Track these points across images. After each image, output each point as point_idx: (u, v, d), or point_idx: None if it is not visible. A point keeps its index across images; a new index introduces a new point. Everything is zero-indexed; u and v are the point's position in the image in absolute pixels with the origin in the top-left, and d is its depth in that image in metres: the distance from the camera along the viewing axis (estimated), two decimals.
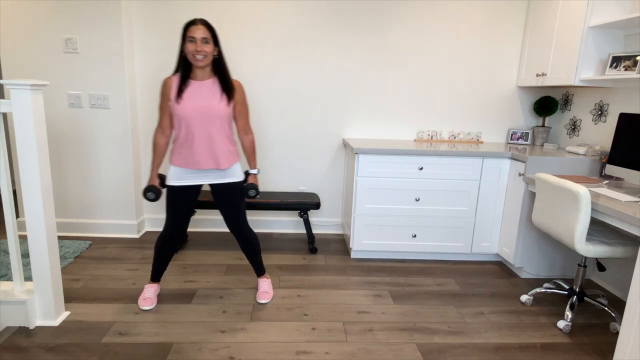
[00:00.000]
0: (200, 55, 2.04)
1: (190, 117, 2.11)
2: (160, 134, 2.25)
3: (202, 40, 2.03)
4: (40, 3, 3.02)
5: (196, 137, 2.14)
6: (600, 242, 2.21)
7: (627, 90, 2.75)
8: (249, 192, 2.30)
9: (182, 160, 2.20)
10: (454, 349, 2.10)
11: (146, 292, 2.42)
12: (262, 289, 2.53)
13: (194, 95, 2.12)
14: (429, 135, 3.55)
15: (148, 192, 2.23)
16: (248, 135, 2.33)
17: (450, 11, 3.35)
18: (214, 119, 2.13)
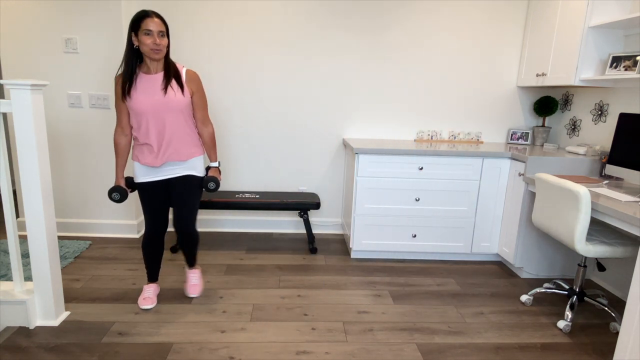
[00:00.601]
0: (157, 47, 1.99)
1: (146, 112, 2.06)
2: (120, 134, 2.18)
3: (158, 33, 1.99)
4: (40, 3, 3.02)
5: (154, 131, 2.10)
6: (600, 242, 2.21)
7: (627, 90, 2.75)
8: (209, 185, 2.24)
9: (142, 156, 2.16)
10: (454, 349, 2.10)
11: (145, 292, 2.42)
12: (191, 281, 2.49)
13: (148, 89, 2.06)
14: (429, 135, 3.55)
15: (113, 193, 2.18)
16: (207, 127, 2.26)
17: (450, 11, 3.35)
18: (170, 111, 2.09)
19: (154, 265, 2.40)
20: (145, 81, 2.07)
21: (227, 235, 3.57)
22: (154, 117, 2.08)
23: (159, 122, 2.10)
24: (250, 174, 3.57)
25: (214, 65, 3.34)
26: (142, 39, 1.98)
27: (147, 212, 2.25)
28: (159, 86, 2.08)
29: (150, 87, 2.07)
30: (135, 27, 1.99)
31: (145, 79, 2.08)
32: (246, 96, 3.42)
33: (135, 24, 1.99)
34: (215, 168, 2.32)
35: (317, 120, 3.49)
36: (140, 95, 2.06)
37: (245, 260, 3.07)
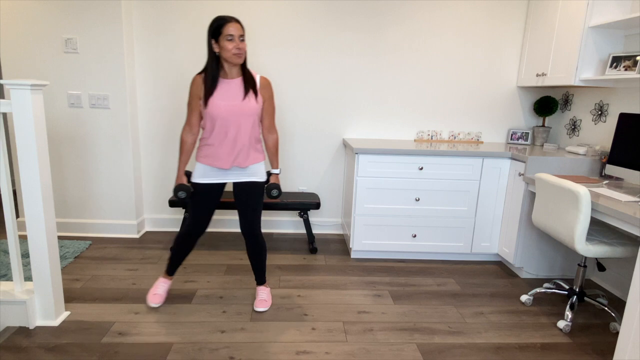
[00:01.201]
0: (239, 52, 2.03)
1: (220, 116, 2.09)
2: (187, 132, 2.22)
3: (239, 37, 2.02)
4: (40, 3, 3.02)
5: (225, 135, 2.13)
6: (600, 242, 2.21)
7: (627, 90, 2.75)
8: (272, 192, 2.28)
9: (208, 158, 2.19)
10: (454, 349, 2.10)
11: (158, 287, 2.43)
12: (260, 297, 2.44)
13: (225, 93, 2.10)
14: (429, 135, 3.55)
15: (179, 191, 2.21)
16: (272, 135, 2.29)
17: (450, 11, 3.35)
18: (244, 117, 2.12)
19: (178, 260, 2.41)
20: (223, 86, 2.11)
21: (227, 235, 3.57)
22: (228, 121, 2.11)
23: (232, 126, 2.12)
24: None
25: None
26: (224, 44, 2.01)
27: (195, 211, 2.26)
28: (236, 91, 2.11)
29: (228, 92, 2.11)
30: (215, 34, 2.02)
31: (223, 83, 2.11)
32: None
33: (216, 31, 2.02)
34: (276, 175, 2.34)
35: (317, 120, 3.49)
36: (218, 100, 2.09)
37: (245, 260, 3.07)
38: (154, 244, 3.29)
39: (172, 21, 3.24)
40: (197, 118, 2.19)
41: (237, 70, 2.13)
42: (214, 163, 2.18)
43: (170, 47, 3.28)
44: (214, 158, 2.17)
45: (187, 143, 2.23)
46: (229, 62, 2.07)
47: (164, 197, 3.57)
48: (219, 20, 2.01)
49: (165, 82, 3.35)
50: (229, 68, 2.11)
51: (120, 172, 3.33)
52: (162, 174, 3.52)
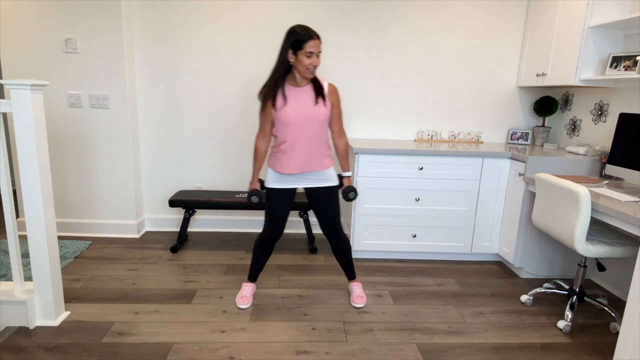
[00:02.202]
0: (314, 68, 2.10)
1: (293, 123, 2.15)
2: (261, 140, 2.29)
3: (317, 54, 2.08)
4: (40, 3, 3.02)
5: (297, 141, 2.18)
6: (600, 242, 2.21)
7: (627, 90, 2.75)
8: (349, 195, 2.33)
9: (281, 164, 2.24)
10: (454, 349, 2.10)
11: (243, 290, 2.48)
12: (356, 293, 2.51)
13: (297, 101, 2.15)
14: (429, 135, 3.55)
15: (252, 196, 2.28)
16: (342, 139, 2.35)
17: (450, 11, 3.35)
18: (314, 123, 2.17)
19: (259, 265, 2.47)
20: (293, 93, 2.16)
21: (227, 235, 3.57)
22: (300, 127, 2.16)
23: (303, 132, 2.17)
24: (250, 174, 3.57)
25: (214, 65, 3.34)
26: (302, 58, 2.06)
27: (272, 216, 2.32)
28: (307, 98, 2.16)
29: (298, 99, 2.16)
30: (296, 46, 2.06)
31: (293, 91, 2.17)
32: (246, 96, 3.41)
33: (297, 44, 2.05)
34: (348, 177, 2.40)
35: None
36: (289, 107, 2.14)
37: (245, 260, 3.07)
38: (154, 244, 3.29)
39: (172, 21, 3.24)
40: (269, 126, 2.26)
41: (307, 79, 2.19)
42: (286, 169, 2.23)
43: (170, 47, 3.28)
44: (286, 164, 2.23)
45: (261, 150, 2.30)
46: (301, 74, 2.13)
47: (164, 197, 3.57)
48: (303, 35, 2.04)
49: (165, 82, 3.35)
50: (298, 77, 2.16)
51: (120, 172, 3.33)
52: (162, 174, 3.52)
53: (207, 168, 3.53)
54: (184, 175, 3.53)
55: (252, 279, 2.51)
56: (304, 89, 2.17)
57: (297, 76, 2.16)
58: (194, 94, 3.38)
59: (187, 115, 3.42)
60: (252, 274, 2.49)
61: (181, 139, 3.46)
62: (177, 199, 3.13)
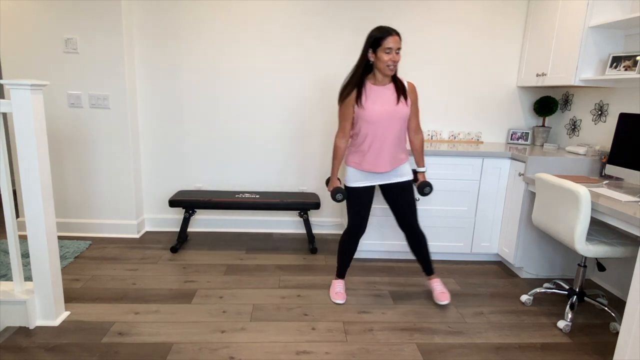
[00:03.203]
0: (393, 65, 2.13)
1: (375, 121, 2.19)
2: (341, 138, 2.32)
3: (396, 50, 2.11)
4: (40, 3, 3.02)
5: (377, 139, 2.23)
6: (600, 242, 2.21)
7: (627, 90, 2.75)
8: (425, 190, 2.40)
9: (361, 162, 2.30)
10: (454, 349, 2.10)
11: (336, 287, 2.56)
12: (438, 289, 2.53)
13: (379, 99, 2.20)
14: (429, 135, 3.55)
15: (337, 194, 2.33)
16: (418, 135, 2.41)
17: (450, 11, 3.35)
18: (396, 121, 2.22)
19: (347, 262, 2.55)
20: (375, 92, 2.21)
21: (227, 235, 3.57)
22: (382, 125, 2.21)
23: (385, 130, 2.22)
24: (251, 174, 3.57)
25: (214, 65, 3.34)
26: (381, 55, 2.11)
27: (356, 213, 2.38)
28: (389, 97, 2.21)
29: (381, 97, 2.21)
30: (375, 44, 2.12)
31: (375, 90, 2.21)
32: (246, 96, 3.42)
33: (376, 42, 2.11)
34: (423, 173, 2.47)
35: (317, 120, 3.49)
36: (373, 105, 2.19)
37: (245, 260, 3.07)
38: (154, 244, 3.29)
39: (172, 21, 3.24)
40: (350, 125, 2.29)
41: (387, 77, 2.23)
42: (373, 168, 2.29)
43: (170, 47, 3.28)
44: (367, 162, 2.28)
45: (341, 149, 2.34)
46: (381, 72, 2.16)
47: (164, 197, 3.57)
48: (381, 32, 2.10)
49: (165, 82, 3.35)
50: (379, 75, 2.20)
51: (120, 172, 3.33)
52: (162, 174, 3.52)
53: (207, 168, 3.53)
54: (184, 175, 3.53)
55: (342, 276, 2.60)
56: (386, 87, 2.22)
57: (378, 75, 2.20)
58: (194, 93, 3.38)
59: (187, 115, 3.42)
60: (340, 271, 2.58)
61: (181, 139, 3.46)
62: (177, 199, 3.13)
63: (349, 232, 2.44)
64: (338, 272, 2.60)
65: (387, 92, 2.22)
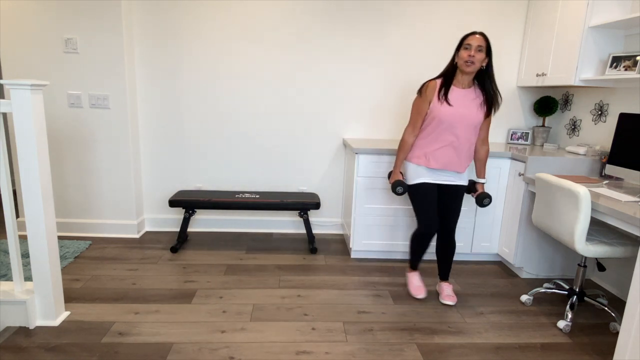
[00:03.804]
0: (470, 61, 2.14)
1: (448, 121, 2.22)
2: (411, 133, 2.36)
3: (476, 47, 2.14)
4: (40, 3, 3.02)
5: (448, 140, 2.25)
6: (600, 242, 2.21)
7: (627, 90, 2.75)
8: (484, 201, 2.40)
9: (429, 160, 2.31)
10: (454, 349, 2.10)
11: (414, 280, 2.62)
12: (446, 292, 2.56)
13: (457, 101, 2.23)
14: None
15: (397, 187, 2.35)
16: (485, 146, 2.43)
17: (450, 11, 3.35)
18: (469, 126, 2.23)
19: (420, 257, 2.58)
20: (455, 93, 2.24)
21: (227, 235, 3.57)
22: (453, 126, 2.24)
23: (455, 132, 2.25)
24: (250, 174, 3.57)
25: (214, 65, 3.34)
26: (460, 52, 2.18)
27: (425, 210, 2.39)
28: (466, 101, 2.24)
29: (459, 100, 2.23)
30: (459, 45, 2.20)
31: (456, 91, 2.24)
32: (247, 96, 3.42)
33: (460, 42, 2.20)
34: (482, 184, 2.49)
35: (317, 121, 3.49)
36: (448, 106, 2.22)
37: (245, 260, 3.07)
38: (154, 244, 3.29)
39: (172, 21, 3.24)
40: (422, 121, 2.32)
41: (470, 80, 2.25)
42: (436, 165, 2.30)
43: (170, 47, 3.28)
44: (437, 160, 2.30)
45: (408, 143, 2.37)
46: (461, 70, 2.19)
47: (164, 197, 3.57)
48: (466, 34, 2.20)
49: (165, 82, 3.35)
50: (462, 77, 2.22)
51: (120, 172, 3.33)
52: (162, 174, 3.52)
53: (207, 168, 3.53)
54: (184, 175, 3.53)
55: (415, 267, 2.65)
56: (467, 91, 2.24)
57: (460, 77, 2.24)
58: (194, 93, 3.38)
59: (187, 115, 3.42)
60: (413, 264, 2.64)
61: (181, 139, 3.46)
62: (177, 199, 3.13)
63: (419, 232, 2.44)
64: (412, 265, 2.64)
65: (466, 95, 2.24)
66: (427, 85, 2.28)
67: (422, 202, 2.38)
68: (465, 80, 2.24)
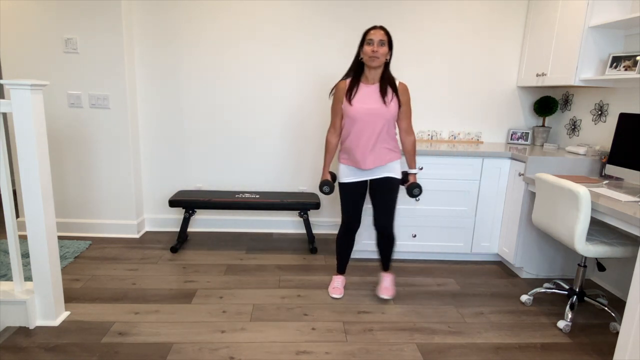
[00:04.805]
0: (374, 56, 2.15)
1: (360, 118, 2.23)
2: (332, 134, 2.40)
3: (379, 42, 2.16)
4: (40, 3, 3.02)
5: (363, 137, 2.26)
6: (600, 242, 2.21)
7: (627, 90, 2.75)
8: (414, 191, 2.39)
9: (349, 159, 2.34)
10: (454, 349, 2.10)
11: (335, 282, 2.62)
12: (385, 284, 2.57)
13: (365, 97, 2.24)
14: (429, 135, 3.55)
15: (324, 186, 2.40)
16: (410, 137, 2.41)
17: (450, 11, 3.35)
18: (381, 120, 2.24)
19: (345, 257, 2.59)
20: (364, 90, 2.26)
21: (227, 235, 3.57)
22: (366, 123, 2.24)
23: (368, 128, 2.25)
24: (251, 174, 3.57)
25: (214, 65, 3.34)
26: (364, 48, 2.19)
27: (347, 209, 2.43)
28: (375, 96, 2.25)
29: (367, 96, 2.25)
30: (362, 41, 2.21)
31: (364, 88, 2.27)
32: (246, 96, 3.42)
33: (363, 38, 2.21)
34: (414, 174, 2.46)
35: (317, 121, 3.49)
36: (358, 103, 2.24)
37: (245, 260, 3.07)
38: (154, 244, 3.29)
39: (172, 21, 3.24)
40: (340, 120, 2.36)
41: (377, 75, 2.26)
42: (356, 164, 2.32)
43: (170, 47, 3.28)
44: (354, 159, 2.32)
45: (331, 144, 2.42)
46: (367, 65, 2.20)
47: (164, 197, 3.57)
48: (367, 29, 2.20)
49: (165, 81, 3.35)
50: (369, 73, 2.24)
51: (120, 172, 3.33)
52: (162, 174, 3.52)
53: (207, 168, 3.53)
54: (184, 175, 3.53)
55: (341, 271, 2.64)
56: (375, 87, 2.26)
57: (367, 73, 2.25)
58: (194, 93, 3.38)
59: (187, 115, 3.42)
60: (339, 267, 2.62)
61: (181, 139, 3.46)
62: (177, 199, 3.13)
63: (342, 228, 2.49)
64: (338, 268, 2.64)
65: (374, 91, 2.25)
66: (337, 86, 2.31)
67: (344, 200, 2.41)
68: (373, 76, 2.25)
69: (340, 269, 2.64)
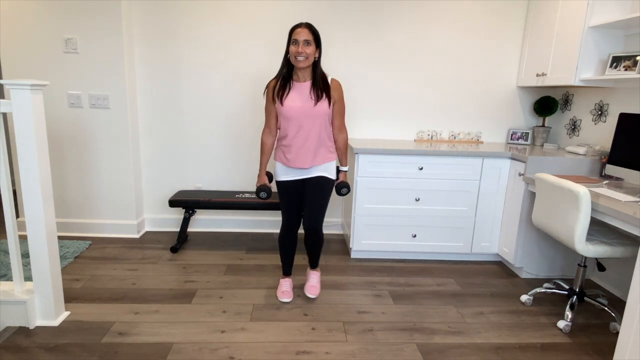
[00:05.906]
0: (301, 56, 2.12)
1: (293, 117, 2.21)
2: (267, 134, 2.36)
3: (304, 42, 2.11)
4: (40, 3, 3.02)
5: (297, 135, 2.24)
6: (600, 242, 2.21)
7: (627, 90, 2.75)
8: (342, 190, 2.38)
9: (284, 157, 2.31)
10: (454, 349, 2.10)
11: (283, 286, 2.54)
12: (312, 282, 2.57)
13: (297, 96, 2.21)
14: (429, 135, 3.55)
15: (261, 192, 2.35)
16: (342, 134, 2.38)
17: (450, 11, 3.35)
18: (315, 118, 2.22)
19: (289, 258, 2.53)
20: (295, 89, 2.23)
21: (227, 235, 3.57)
22: (300, 122, 2.22)
23: (304, 127, 2.23)
24: (250, 174, 3.57)
25: (214, 65, 3.34)
26: (290, 48, 2.14)
27: (285, 206, 2.39)
28: (307, 94, 2.21)
29: (299, 94, 2.22)
30: (288, 39, 2.16)
31: (295, 86, 2.23)
32: (246, 96, 3.42)
33: (289, 37, 2.16)
34: (344, 172, 2.43)
35: None
36: (290, 102, 2.21)
37: (245, 260, 3.07)
38: (154, 244, 3.29)
39: (172, 21, 3.24)
40: (274, 121, 2.32)
41: (308, 73, 2.23)
42: (289, 163, 2.30)
43: (170, 47, 3.28)
44: (290, 158, 2.29)
45: (266, 145, 2.37)
46: (294, 64, 2.17)
47: (164, 197, 3.57)
48: (292, 27, 2.15)
49: (165, 81, 3.35)
50: (299, 71, 2.21)
51: (120, 172, 3.33)
52: (162, 174, 3.52)
53: (207, 168, 3.53)
54: (184, 175, 3.53)
55: (287, 273, 2.58)
56: (306, 85, 2.22)
57: (298, 71, 2.21)
58: (194, 93, 3.38)
59: (187, 115, 3.42)
60: (284, 269, 2.57)
61: (181, 139, 3.46)
62: (177, 199, 3.13)
63: (283, 227, 2.43)
64: (283, 270, 2.58)
65: (307, 89, 2.21)
66: (268, 86, 2.28)
67: (282, 200, 2.38)
68: (303, 74, 2.21)
69: (286, 271, 2.57)
